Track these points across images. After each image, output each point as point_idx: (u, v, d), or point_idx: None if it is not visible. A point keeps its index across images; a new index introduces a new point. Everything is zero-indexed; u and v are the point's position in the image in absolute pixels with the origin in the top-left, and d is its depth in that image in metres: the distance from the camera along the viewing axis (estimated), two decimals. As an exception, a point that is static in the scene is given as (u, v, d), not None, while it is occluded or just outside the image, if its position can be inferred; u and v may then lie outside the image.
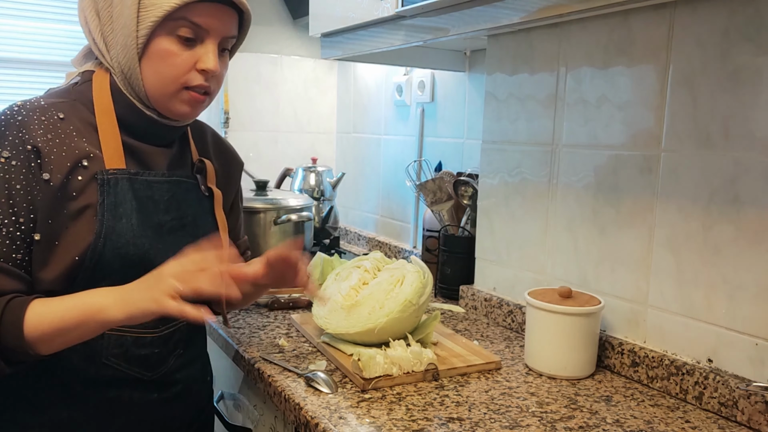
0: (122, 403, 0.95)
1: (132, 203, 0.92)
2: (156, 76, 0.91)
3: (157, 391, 0.99)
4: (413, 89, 1.96)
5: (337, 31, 1.59)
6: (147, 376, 0.97)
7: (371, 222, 2.24)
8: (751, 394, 0.95)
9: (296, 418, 1.00)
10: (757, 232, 0.97)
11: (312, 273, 1.39)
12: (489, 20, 1.16)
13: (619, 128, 1.17)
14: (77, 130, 0.90)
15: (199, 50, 0.92)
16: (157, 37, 0.90)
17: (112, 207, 0.90)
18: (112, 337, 0.93)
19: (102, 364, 0.93)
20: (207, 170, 1.06)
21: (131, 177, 0.93)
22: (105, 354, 0.93)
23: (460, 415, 0.97)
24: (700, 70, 1.03)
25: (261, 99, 2.31)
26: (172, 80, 0.92)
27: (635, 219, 1.15)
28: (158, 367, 0.98)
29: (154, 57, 0.91)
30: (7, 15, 2.01)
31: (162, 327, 0.98)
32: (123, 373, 0.94)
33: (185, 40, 0.91)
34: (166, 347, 0.99)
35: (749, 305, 0.98)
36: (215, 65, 0.92)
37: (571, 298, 1.14)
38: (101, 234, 0.88)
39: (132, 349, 0.94)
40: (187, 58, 0.91)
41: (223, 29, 0.94)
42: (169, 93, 0.93)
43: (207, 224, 1.04)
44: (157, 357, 0.98)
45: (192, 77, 0.92)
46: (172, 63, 0.91)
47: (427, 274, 1.21)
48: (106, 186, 0.90)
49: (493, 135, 1.46)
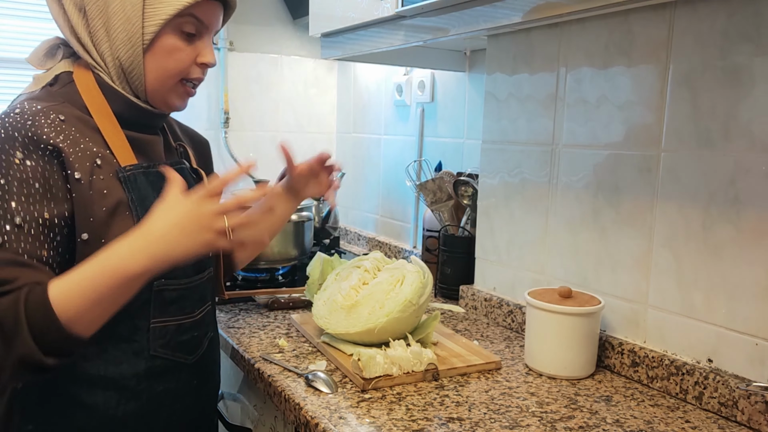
0: (169, 393, 0.98)
1: (154, 195, 0.93)
2: (159, 70, 0.94)
3: (196, 376, 1.03)
4: (413, 89, 1.96)
5: (337, 31, 1.59)
6: (189, 360, 1.00)
7: (371, 222, 2.24)
8: (751, 394, 0.95)
9: (296, 418, 1.00)
10: (757, 232, 0.97)
11: (311, 272, 1.39)
12: (489, 20, 1.16)
13: (619, 128, 1.17)
14: (80, 131, 0.89)
15: (199, 45, 0.96)
16: (164, 32, 0.92)
17: (140, 201, 0.92)
18: (156, 330, 0.95)
19: (150, 356, 0.95)
20: (188, 152, 1.09)
21: (145, 171, 0.95)
22: (153, 346, 0.95)
23: (460, 415, 0.97)
24: (700, 70, 1.03)
25: (261, 99, 2.31)
26: (176, 74, 0.95)
27: (635, 219, 1.15)
28: (197, 350, 1.02)
29: (159, 52, 0.92)
30: (7, 15, 2.00)
31: (197, 311, 1.01)
32: (169, 361, 0.97)
33: (188, 36, 0.94)
34: (201, 329, 1.03)
35: (749, 305, 0.98)
36: (214, 59, 0.98)
37: (571, 298, 1.14)
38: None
39: (175, 336, 0.97)
40: (189, 53, 0.95)
41: (218, 24, 0.99)
42: (168, 86, 0.96)
43: None
44: (196, 340, 1.01)
45: (192, 71, 0.96)
46: (177, 57, 0.94)
47: (427, 274, 1.21)
48: (129, 183, 0.91)
49: (493, 135, 1.46)
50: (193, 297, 1.00)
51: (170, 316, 0.96)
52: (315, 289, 1.34)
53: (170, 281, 0.95)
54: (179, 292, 0.97)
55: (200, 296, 1.03)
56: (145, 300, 0.93)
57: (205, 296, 1.05)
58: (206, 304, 1.05)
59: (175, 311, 0.97)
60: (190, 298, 1.00)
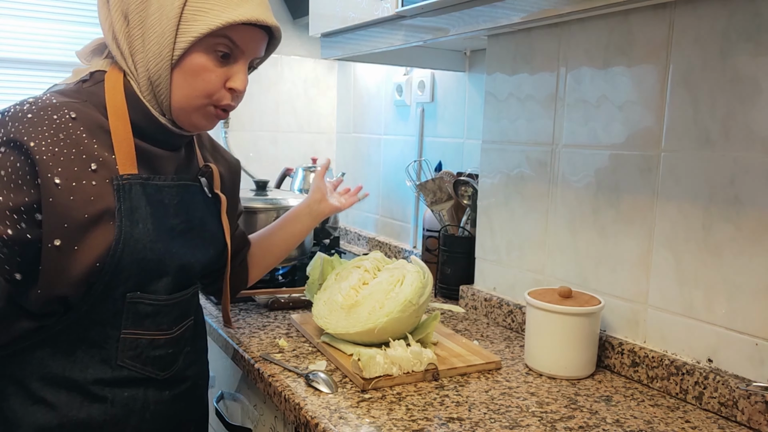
0: (137, 401, 0.96)
1: (147, 208, 0.92)
2: (187, 89, 0.91)
3: (169, 389, 1.01)
4: (413, 89, 1.96)
5: (337, 31, 1.59)
6: (161, 376, 0.98)
7: (371, 222, 2.24)
8: (751, 394, 0.95)
9: (296, 418, 1.00)
10: (757, 232, 0.97)
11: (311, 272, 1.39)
12: (489, 20, 1.16)
13: (619, 128, 1.17)
14: (88, 131, 0.88)
15: (232, 69, 0.93)
16: (195, 51, 0.89)
17: (128, 212, 0.90)
18: (126, 341, 0.94)
19: (117, 366, 0.94)
20: (213, 175, 1.06)
21: (144, 182, 0.92)
22: (120, 357, 0.94)
23: (460, 415, 0.97)
24: (700, 70, 1.03)
25: (261, 99, 2.31)
26: (203, 95, 0.92)
27: (635, 219, 1.15)
28: (170, 367, 1.00)
29: (188, 70, 0.90)
30: (7, 15, 2.00)
31: (175, 328, 0.99)
32: (138, 374, 0.96)
33: (221, 57, 0.91)
34: (178, 346, 1.01)
35: (749, 305, 0.98)
36: (244, 86, 0.94)
37: (571, 298, 1.14)
38: (120, 240, 0.88)
39: (147, 350, 0.96)
40: (219, 75, 0.92)
41: (256, 51, 0.95)
42: (194, 106, 0.93)
43: (213, 227, 1.07)
44: (170, 357, 0.99)
45: (222, 95, 0.93)
46: (205, 78, 0.91)
47: (427, 274, 1.21)
48: (122, 191, 0.89)
49: (493, 135, 1.46)
50: (172, 314, 0.98)
51: (144, 330, 0.95)
52: (315, 289, 1.34)
53: (146, 295, 0.94)
54: (156, 308, 0.95)
55: (181, 312, 1.01)
56: (118, 310, 0.92)
57: (187, 312, 1.03)
58: (187, 320, 1.03)
59: (150, 325, 0.95)
60: (169, 314, 0.98)
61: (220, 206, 1.08)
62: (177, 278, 0.98)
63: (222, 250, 1.10)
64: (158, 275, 0.95)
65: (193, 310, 1.05)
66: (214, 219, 1.07)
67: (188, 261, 1.00)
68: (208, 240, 1.05)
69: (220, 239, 1.08)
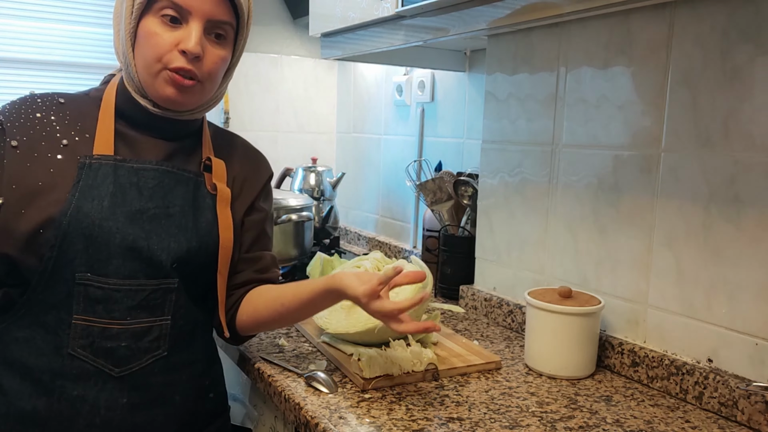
0: (87, 402, 0.93)
1: (109, 188, 0.95)
2: (141, 58, 0.96)
3: (127, 394, 0.95)
4: (413, 89, 1.96)
5: (337, 31, 1.59)
6: (115, 372, 0.94)
7: (371, 222, 2.24)
8: (751, 394, 0.95)
9: (296, 418, 1.00)
10: (757, 232, 0.97)
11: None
12: (489, 20, 1.16)
13: (619, 128, 1.17)
14: (72, 115, 0.97)
15: (183, 32, 0.94)
16: (144, 19, 0.94)
17: (86, 189, 0.93)
18: (78, 327, 0.92)
19: (68, 355, 0.92)
20: (214, 168, 1.05)
21: (117, 163, 0.96)
22: (72, 344, 0.92)
23: (460, 415, 0.97)
24: (700, 70, 1.03)
25: (261, 99, 2.31)
26: (155, 59, 0.94)
27: (635, 219, 1.15)
28: (127, 364, 0.94)
29: (141, 40, 0.95)
30: (7, 15, 2.00)
31: (130, 320, 0.94)
32: (90, 365, 0.93)
33: (169, 21, 0.94)
34: (139, 343, 0.95)
35: (749, 305, 0.98)
36: (194, 46, 0.93)
37: (571, 298, 1.14)
38: (67, 212, 0.91)
39: (99, 340, 0.93)
40: (168, 39, 0.94)
41: (208, 11, 0.94)
42: (151, 74, 0.95)
43: (203, 218, 1.02)
44: (125, 351, 0.94)
45: (172, 57, 0.94)
46: (154, 43, 0.94)
47: (427, 274, 1.21)
48: (87, 169, 0.94)
49: (493, 135, 1.46)
50: (125, 302, 0.93)
51: (96, 317, 0.92)
52: (315, 289, 1.34)
53: (95, 277, 0.92)
54: (106, 292, 0.92)
55: (140, 305, 0.94)
56: (69, 292, 0.91)
57: (152, 308, 0.96)
58: (151, 317, 0.96)
59: (102, 312, 0.92)
60: (121, 302, 0.93)
61: (215, 198, 1.04)
62: (129, 262, 0.94)
63: (209, 244, 1.02)
64: (106, 255, 0.92)
65: (167, 310, 0.97)
66: (208, 212, 1.02)
67: (145, 245, 0.95)
68: (190, 229, 0.99)
69: (208, 232, 1.02)
